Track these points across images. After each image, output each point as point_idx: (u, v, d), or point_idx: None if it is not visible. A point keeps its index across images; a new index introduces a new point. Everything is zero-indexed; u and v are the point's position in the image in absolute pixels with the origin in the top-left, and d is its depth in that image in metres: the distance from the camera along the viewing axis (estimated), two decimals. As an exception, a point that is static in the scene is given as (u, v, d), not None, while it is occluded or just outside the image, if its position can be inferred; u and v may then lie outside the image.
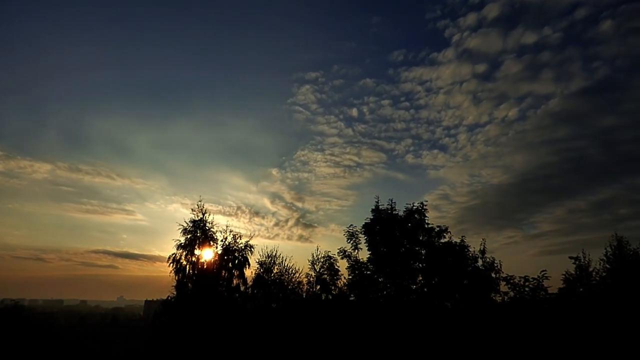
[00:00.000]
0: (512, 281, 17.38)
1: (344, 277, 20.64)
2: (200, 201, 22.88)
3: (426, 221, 20.04)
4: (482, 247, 19.08)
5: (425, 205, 20.30)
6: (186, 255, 21.62)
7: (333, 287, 20.81)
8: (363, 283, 19.43)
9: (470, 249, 19.09)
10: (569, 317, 16.75)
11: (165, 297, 21.64)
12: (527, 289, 16.95)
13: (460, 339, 16.10)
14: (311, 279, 21.42)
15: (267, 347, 18.56)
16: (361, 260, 20.26)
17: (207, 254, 21.86)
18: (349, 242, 20.65)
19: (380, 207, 20.75)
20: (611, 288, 18.97)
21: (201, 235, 22.05)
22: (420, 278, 19.35)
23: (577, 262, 19.79)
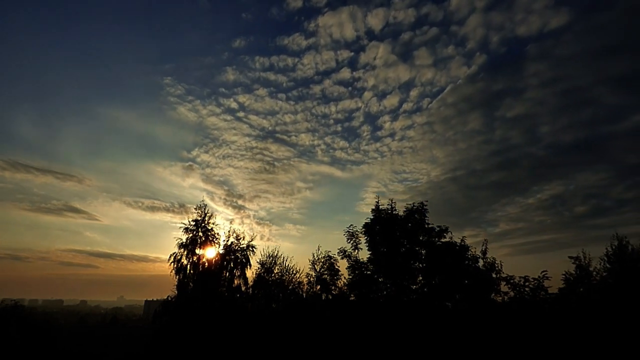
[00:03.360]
0: (512, 281, 17.42)
1: (344, 277, 20.66)
2: (202, 200, 23.07)
3: (426, 221, 20.09)
4: (483, 247, 19.12)
5: (426, 205, 20.35)
6: (187, 254, 21.66)
7: (333, 287, 20.82)
8: (363, 283, 19.42)
9: (470, 249, 19.14)
10: (570, 317, 16.78)
11: (164, 297, 21.71)
12: (527, 289, 16.98)
13: (460, 339, 16.13)
14: (311, 279, 21.44)
15: (268, 347, 18.59)
16: (361, 260, 20.29)
17: (208, 254, 21.92)
18: (349, 242, 20.66)
19: (381, 207, 20.81)
20: (612, 288, 19.01)
21: (202, 235, 22.11)
22: (421, 278, 19.33)
23: (577, 262, 19.92)
